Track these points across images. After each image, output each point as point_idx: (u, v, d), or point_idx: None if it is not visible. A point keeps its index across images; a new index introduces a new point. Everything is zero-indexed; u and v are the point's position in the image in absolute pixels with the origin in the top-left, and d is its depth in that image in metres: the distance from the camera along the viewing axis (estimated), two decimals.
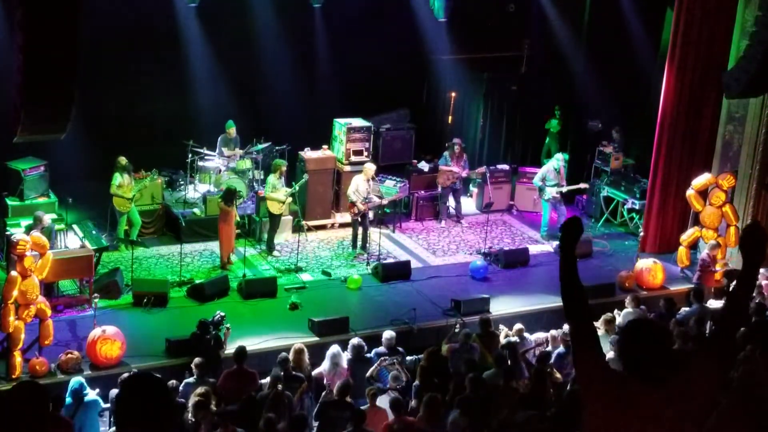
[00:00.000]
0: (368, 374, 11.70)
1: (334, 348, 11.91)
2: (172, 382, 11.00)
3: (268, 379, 11.17)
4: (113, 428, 9.63)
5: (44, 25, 9.73)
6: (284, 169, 16.41)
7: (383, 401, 10.74)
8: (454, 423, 9.76)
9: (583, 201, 19.27)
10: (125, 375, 11.04)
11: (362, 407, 10.33)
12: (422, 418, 9.88)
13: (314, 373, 11.75)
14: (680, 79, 16.41)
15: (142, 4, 17.22)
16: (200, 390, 10.27)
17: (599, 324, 13.19)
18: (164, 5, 17.34)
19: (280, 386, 10.72)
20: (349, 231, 17.09)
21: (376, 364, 11.76)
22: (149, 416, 4.13)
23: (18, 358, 12.01)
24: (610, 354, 12.16)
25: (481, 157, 19.17)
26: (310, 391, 11.32)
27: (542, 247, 17.54)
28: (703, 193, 16.07)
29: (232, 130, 17.53)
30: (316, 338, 13.49)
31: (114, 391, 10.89)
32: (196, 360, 11.31)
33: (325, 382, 11.42)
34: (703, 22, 16.04)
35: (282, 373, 11.07)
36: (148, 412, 4.14)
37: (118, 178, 15.61)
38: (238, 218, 15.90)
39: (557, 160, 17.70)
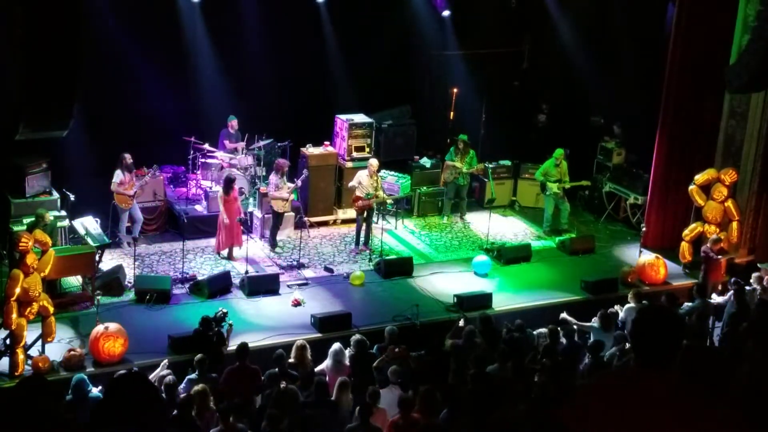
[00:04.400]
0: (375, 365, 11.71)
1: (336, 345, 11.90)
2: (170, 378, 10.99)
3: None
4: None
5: (46, 23, 9.73)
6: (286, 169, 16.43)
7: (385, 398, 10.73)
8: (445, 420, 9.77)
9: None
10: (120, 374, 11.06)
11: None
12: (419, 411, 9.87)
13: (317, 369, 11.76)
14: (682, 73, 16.39)
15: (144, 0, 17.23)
16: (198, 387, 10.29)
17: (595, 319, 13.21)
18: (167, 1, 17.33)
19: (283, 383, 10.73)
20: (351, 227, 17.11)
21: (384, 356, 11.77)
22: (135, 416, 4.14)
23: (21, 356, 12.02)
24: (612, 350, 12.21)
25: (483, 153, 19.13)
26: (311, 387, 11.30)
27: (544, 242, 17.55)
28: (705, 188, 16.06)
29: (234, 122, 17.54)
30: (319, 334, 13.50)
31: None
32: (198, 356, 11.32)
33: (327, 379, 11.41)
34: (705, 17, 16.01)
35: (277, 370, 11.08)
36: (134, 412, 4.15)
37: (119, 176, 15.63)
38: (242, 216, 15.92)
39: (557, 157, 17.69)
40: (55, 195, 15.55)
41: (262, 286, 14.82)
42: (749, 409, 5.05)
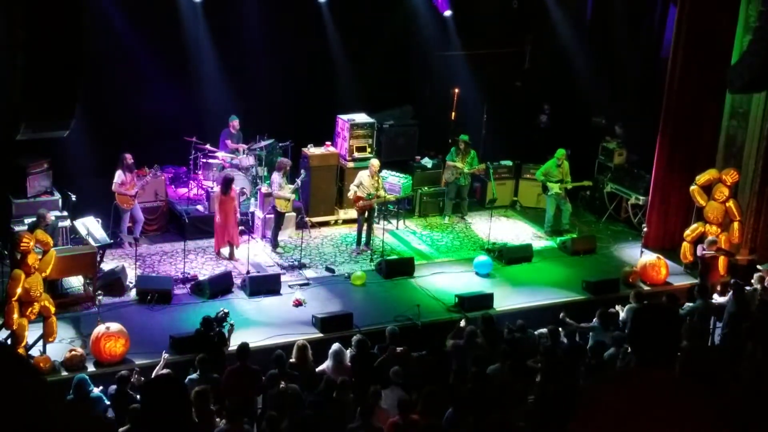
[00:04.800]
0: (375, 365, 11.70)
1: (336, 346, 11.89)
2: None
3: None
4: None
5: (47, 23, 9.73)
6: (288, 167, 16.43)
7: (386, 398, 10.73)
8: (449, 420, 9.76)
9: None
10: (142, 379, 11.08)
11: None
12: (421, 412, 9.88)
13: (317, 370, 11.75)
14: (684, 74, 16.38)
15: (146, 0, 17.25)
16: (198, 388, 10.29)
17: (595, 320, 13.21)
18: (169, 1, 17.34)
19: (283, 384, 10.73)
20: (352, 227, 17.13)
21: (385, 356, 11.76)
22: (170, 419, 4.17)
23: None
24: (610, 350, 12.20)
25: (485, 153, 19.13)
26: (317, 386, 11.29)
27: (545, 243, 17.55)
28: (707, 189, 16.04)
29: (236, 123, 17.55)
30: (320, 334, 13.50)
31: (113, 388, 10.90)
32: (199, 356, 11.32)
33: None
34: (707, 17, 16.01)
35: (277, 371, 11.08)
36: (169, 415, 4.17)
37: (120, 176, 15.64)
38: (239, 217, 15.96)
39: (559, 157, 17.68)
40: (57, 195, 15.57)
41: (264, 286, 14.83)
42: (749, 409, 5.05)
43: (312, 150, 17.61)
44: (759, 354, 9.59)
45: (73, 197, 15.18)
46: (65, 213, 15.20)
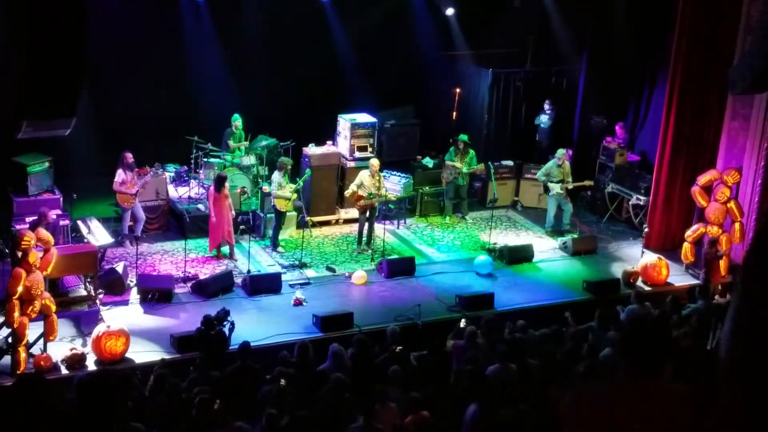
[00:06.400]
0: (376, 363, 11.71)
1: (335, 346, 11.87)
2: (172, 380, 10.99)
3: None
4: None
5: (48, 22, 9.74)
6: (290, 167, 16.43)
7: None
8: (472, 416, 9.73)
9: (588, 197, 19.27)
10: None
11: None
12: (422, 412, 9.86)
13: (318, 369, 11.74)
14: (685, 74, 16.38)
15: None
16: (200, 387, 10.29)
17: (594, 320, 13.18)
18: (171, 0, 17.36)
19: (283, 381, 10.73)
20: (353, 227, 17.12)
21: (385, 355, 11.76)
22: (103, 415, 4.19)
23: (23, 354, 12.04)
24: (606, 351, 12.17)
25: (486, 153, 19.15)
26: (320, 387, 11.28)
27: (547, 243, 17.55)
28: (708, 189, 16.04)
29: (238, 123, 17.56)
30: (321, 334, 13.50)
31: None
32: (199, 356, 11.32)
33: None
34: (709, 17, 16.00)
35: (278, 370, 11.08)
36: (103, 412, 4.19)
37: (120, 175, 15.64)
38: (233, 214, 15.97)
39: (559, 157, 17.68)
40: (58, 194, 15.58)
41: (264, 285, 14.83)
42: (749, 409, 5.05)
43: (313, 149, 17.62)
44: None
45: (74, 196, 15.20)
46: (67, 212, 15.21)
